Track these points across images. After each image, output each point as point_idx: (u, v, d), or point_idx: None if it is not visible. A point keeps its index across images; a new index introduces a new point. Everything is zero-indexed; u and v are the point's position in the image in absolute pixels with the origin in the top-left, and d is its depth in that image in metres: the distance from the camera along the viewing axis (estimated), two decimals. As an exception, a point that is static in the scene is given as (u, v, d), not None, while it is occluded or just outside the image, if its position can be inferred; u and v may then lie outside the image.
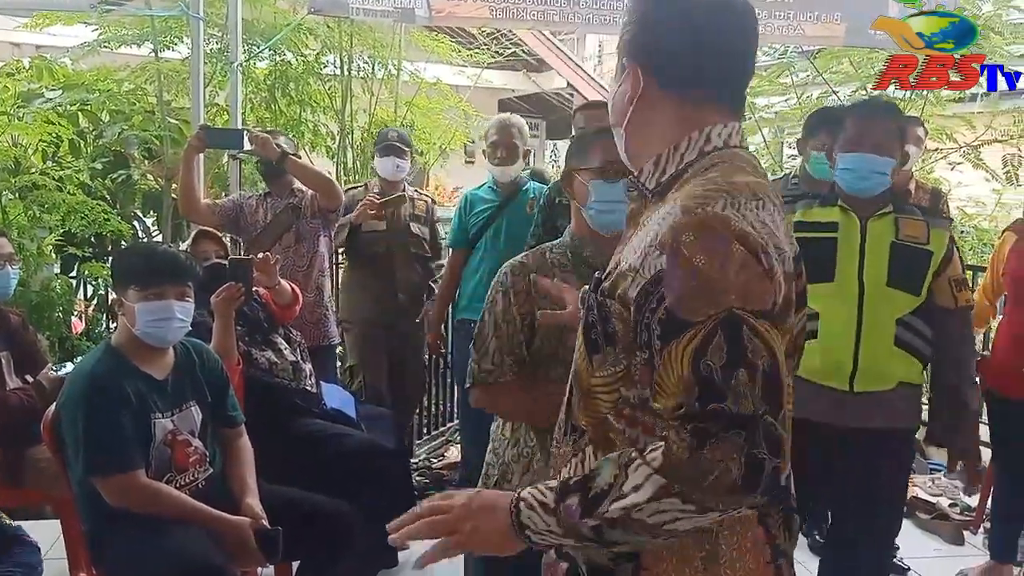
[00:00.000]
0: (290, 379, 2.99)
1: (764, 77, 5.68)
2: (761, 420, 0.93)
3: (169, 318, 2.23)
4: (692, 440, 0.94)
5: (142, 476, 2.14)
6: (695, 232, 0.99)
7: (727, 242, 0.98)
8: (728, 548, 1.08)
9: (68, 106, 4.58)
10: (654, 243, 1.03)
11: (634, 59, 1.16)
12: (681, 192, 1.08)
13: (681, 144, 1.13)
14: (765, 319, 0.97)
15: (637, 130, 1.18)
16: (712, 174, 1.08)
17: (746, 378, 0.94)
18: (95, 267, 4.46)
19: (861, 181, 2.22)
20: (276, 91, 5.17)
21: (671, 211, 1.04)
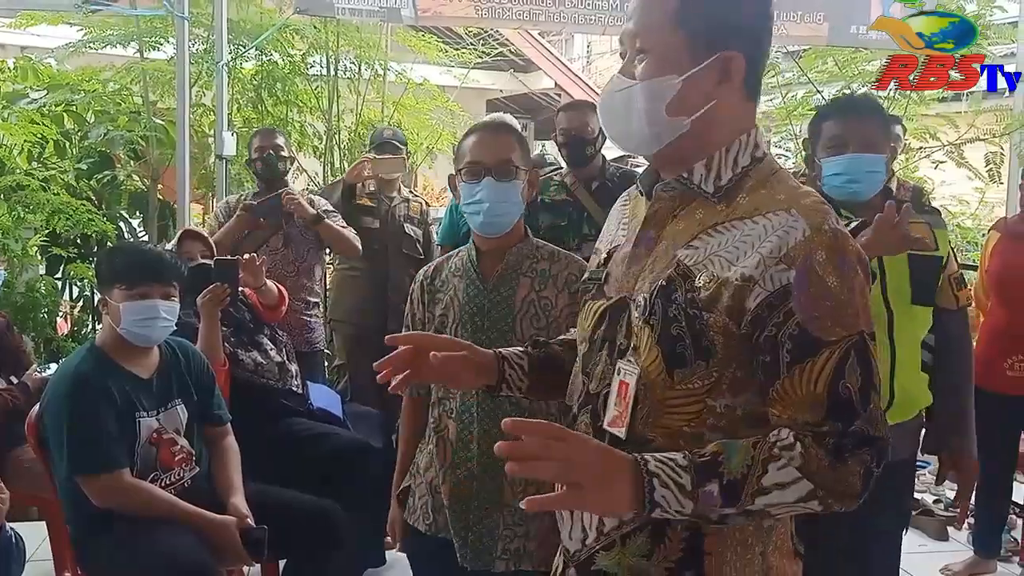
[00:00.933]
0: (276, 379, 2.99)
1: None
2: (883, 440, 1.02)
3: (154, 317, 2.23)
4: (832, 452, 0.99)
5: (127, 475, 2.14)
6: (827, 252, 1.01)
7: (854, 265, 1.03)
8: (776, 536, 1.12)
9: (53, 106, 4.58)
10: (776, 255, 1.01)
11: (727, 45, 1.06)
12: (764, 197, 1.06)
13: (733, 146, 1.10)
14: (873, 340, 1.04)
15: (703, 127, 1.09)
16: (792, 183, 1.09)
17: (876, 401, 1.02)
18: (80, 268, 4.45)
19: (852, 184, 1.99)
20: (263, 91, 5.14)
21: (792, 224, 1.02)
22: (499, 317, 1.74)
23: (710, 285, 1.04)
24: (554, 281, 1.75)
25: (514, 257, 1.77)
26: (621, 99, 1.12)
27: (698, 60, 1.07)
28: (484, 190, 1.71)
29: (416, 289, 1.86)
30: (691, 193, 1.11)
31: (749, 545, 1.08)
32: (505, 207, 1.74)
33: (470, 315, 1.75)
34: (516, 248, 1.78)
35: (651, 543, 1.07)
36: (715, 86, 1.07)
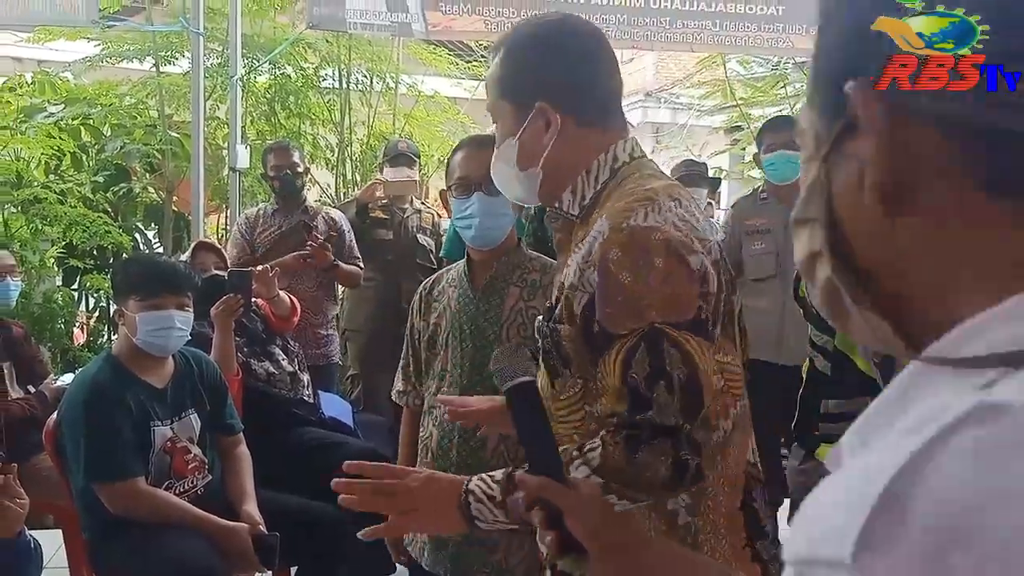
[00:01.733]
0: (288, 389, 3.03)
1: (758, 88, 5.73)
2: (683, 429, 1.04)
3: (169, 327, 2.27)
4: (626, 445, 1.04)
5: (142, 483, 2.18)
6: (621, 248, 1.06)
7: (650, 256, 1.05)
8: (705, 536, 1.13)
9: (70, 120, 4.66)
10: (588, 260, 1.10)
11: (545, 98, 1.18)
12: (605, 208, 1.15)
13: (592, 168, 1.20)
14: (687, 329, 1.04)
15: (553, 167, 1.20)
16: (629, 186, 1.16)
17: (665, 390, 1.03)
18: (96, 279, 4.52)
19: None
20: (276, 104, 5.22)
21: (600, 228, 1.10)
22: (487, 325, 1.79)
23: (558, 298, 1.15)
24: (544, 292, 1.78)
25: (503, 267, 1.82)
26: (496, 168, 1.28)
27: (523, 118, 1.20)
28: (474, 204, 1.77)
29: (416, 300, 1.94)
30: (567, 220, 1.22)
31: (699, 544, 1.12)
32: (496, 220, 1.80)
33: (460, 323, 1.81)
34: (506, 258, 1.83)
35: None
36: (545, 133, 1.18)
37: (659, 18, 4.11)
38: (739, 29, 4.16)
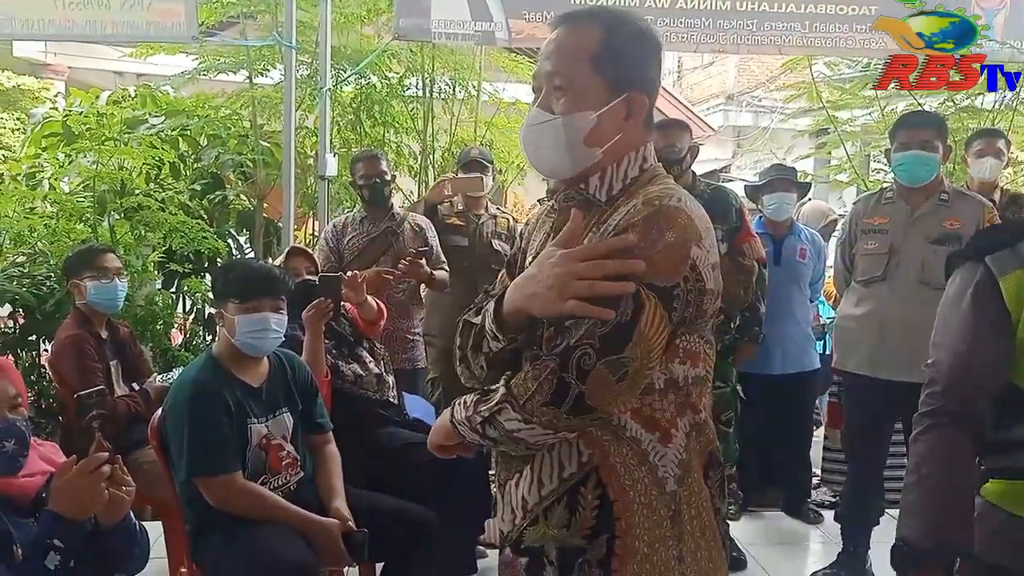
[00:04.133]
0: (374, 391, 3.11)
1: (847, 91, 5.59)
2: (578, 352, 1.12)
3: (265, 329, 2.37)
4: (527, 363, 1.19)
5: (240, 478, 2.28)
6: (645, 217, 1.18)
7: (665, 229, 1.17)
8: (688, 506, 1.21)
9: (169, 131, 4.87)
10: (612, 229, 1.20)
11: (638, 87, 1.26)
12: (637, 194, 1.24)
13: (623, 161, 1.28)
14: (655, 292, 1.15)
15: (611, 151, 1.27)
16: (660, 182, 1.27)
17: (594, 327, 1.13)
18: (194, 282, 4.71)
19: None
20: (361, 113, 5.36)
21: (634, 204, 1.21)
22: None
23: None
24: None
25: None
26: (542, 131, 1.28)
27: (610, 99, 1.25)
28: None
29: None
30: (589, 202, 1.28)
31: (655, 508, 1.19)
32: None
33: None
34: None
35: (568, 513, 1.20)
36: (622, 121, 1.26)
37: (746, 20, 4.06)
38: (829, 30, 4.07)
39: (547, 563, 1.23)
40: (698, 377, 1.24)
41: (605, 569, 1.19)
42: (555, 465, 1.22)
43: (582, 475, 1.20)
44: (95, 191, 4.35)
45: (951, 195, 3.06)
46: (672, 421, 1.21)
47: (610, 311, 1.12)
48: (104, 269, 3.13)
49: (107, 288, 3.12)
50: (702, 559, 1.23)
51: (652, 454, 1.20)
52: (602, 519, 1.19)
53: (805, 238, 3.99)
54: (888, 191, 3.24)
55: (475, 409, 1.21)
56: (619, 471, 1.19)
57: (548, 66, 1.28)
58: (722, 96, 15.37)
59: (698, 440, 1.25)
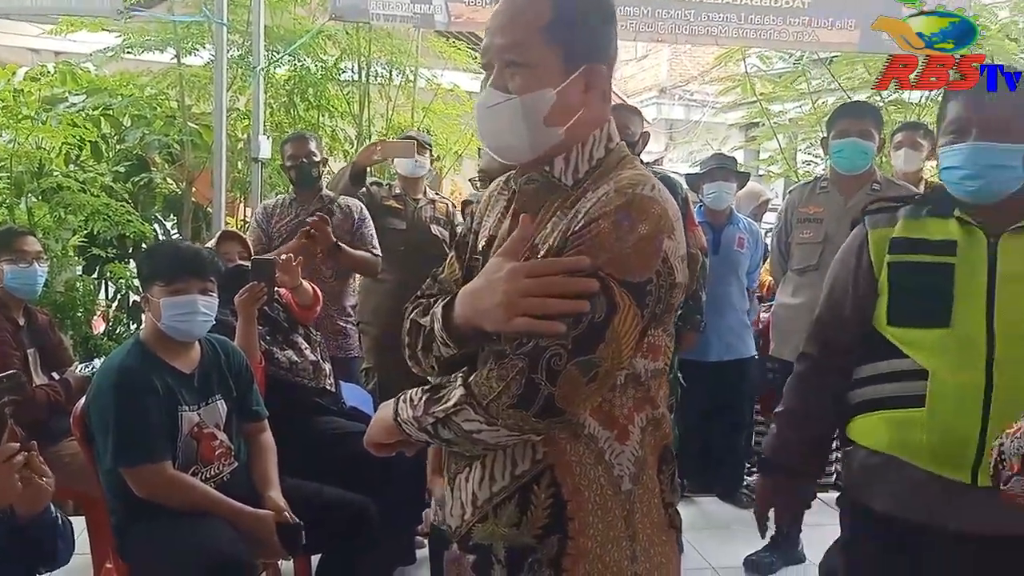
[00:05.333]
0: (310, 378, 3.03)
1: (779, 83, 5.71)
2: (549, 352, 1.06)
3: (192, 312, 2.28)
4: (492, 361, 1.10)
5: (169, 467, 2.19)
6: (618, 207, 1.11)
7: (638, 220, 1.10)
8: (640, 504, 1.18)
9: (91, 110, 4.67)
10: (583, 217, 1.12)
11: (594, 58, 1.17)
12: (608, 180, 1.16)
13: (588, 141, 1.20)
14: (628, 289, 1.09)
15: (571, 132, 1.18)
16: (630, 165, 1.20)
17: (573, 319, 1.07)
18: (117, 268, 4.54)
19: (971, 182, 1.60)
20: (295, 96, 5.24)
21: (606, 191, 1.13)
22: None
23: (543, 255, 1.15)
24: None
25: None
26: (498, 113, 1.19)
27: (567, 73, 1.16)
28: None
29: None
30: (553, 185, 1.20)
31: (609, 509, 1.15)
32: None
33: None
34: None
35: (519, 512, 1.16)
36: (582, 95, 1.17)
37: (684, 10, 4.10)
38: (764, 23, 4.14)
39: (495, 561, 1.18)
40: (657, 370, 1.20)
41: (556, 569, 1.14)
42: (508, 462, 1.16)
43: (535, 473, 1.15)
44: (11, 172, 4.15)
45: (883, 185, 3.14)
46: (630, 417, 1.17)
47: (560, 325, 1.07)
48: (22, 253, 2.97)
49: (25, 273, 2.96)
50: (655, 555, 1.19)
51: (608, 452, 1.15)
52: (554, 519, 1.14)
53: (743, 227, 4.04)
54: (823, 181, 3.30)
55: (426, 409, 1.14)
56: (575, 470, 1.15)
57: (498, 40, 1.18)
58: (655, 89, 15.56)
59: (654, 435, 1.21)
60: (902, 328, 1.62)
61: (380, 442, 1.26)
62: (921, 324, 1.59)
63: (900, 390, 1.60)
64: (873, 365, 1.67)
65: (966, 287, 1.57)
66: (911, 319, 1.61)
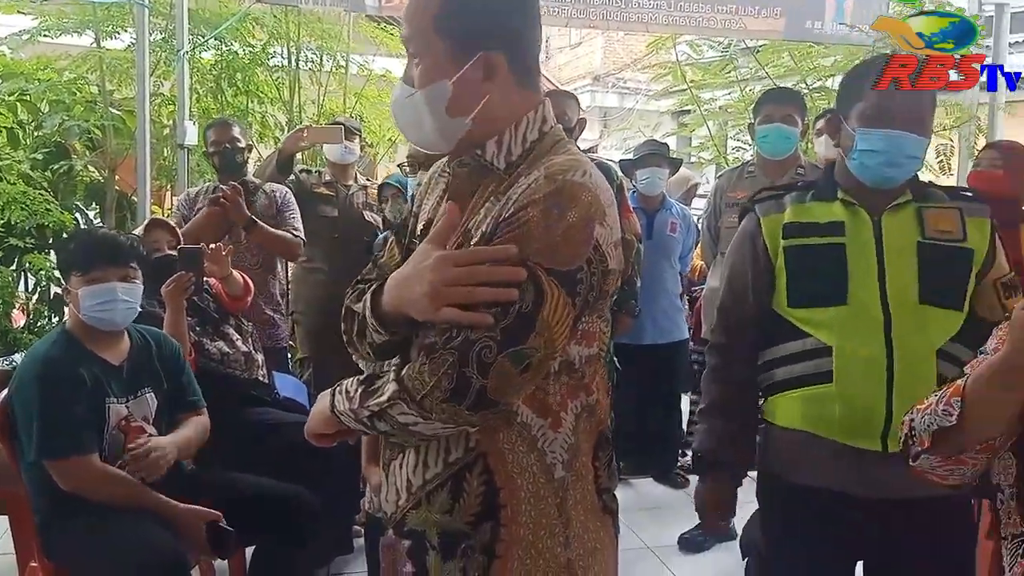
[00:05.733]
0: (242, 370, 2.98)
1: (708, 71, 5.80)
2: (479, 345, 1.06)
3: (112, 300, 2.21)
4: (423, 355, 1.09)
5: (96, 460, 2.13)
6: (547, 194, 1.10)
7: (567, 208, 1.09)
8: (574, 491, 1.19)
9: (6, 96, 4.48)
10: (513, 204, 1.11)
11: (490, 46, 1.15)
12: (536, 166, 1.15)
13: (521, 124, 1.19)
14: (557, 278, 1.09)
15: (484, 119, 1.17)
16: (562, 150, 1.19)
17: (501, 309, 1.06)
18: (37, 259, 4.36)
19: (890, 168, 1.67)
20: (223, 81, 5.11)
21: (535, 177, 1.12)
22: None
23: (475, 242, 1.14)
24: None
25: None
26: (406, 108, 1.20)
27: (462, 63, 1.14)
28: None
29: None
30: (485, 169, 1.19)
31: (542, 496, 1.16)
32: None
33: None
34: None
35: (451, 499, 1.16)
36: (483, 84, 1.15)
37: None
38: (693, 10, 4.20)
39: (429, 547, 1.18)
40: (591, 356, 1.20)
41: (489, 555, 1.14)
42: (441, 449, 1.17)
43: (468, 460, 1.15)
44: (-81, 158, 3.95)
45: (807, 169, 3.23)
46: (563, 404, 1.17)
47: (488, 316, 1.06)
48: (-67, 243, 2.85)
49: (-63, 264, 2.84)
50: (589, 540, 1.20)
51: (541, 440, 1.15)
52: (487, 506, 1.15)
53: (676, 213, 4.11)
54: (750, 166, 3.38)
55: (362, 402, 1.13)
56: (507, 458, 1.15)
57: (403, 31, 1.20)
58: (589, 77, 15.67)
59: (589, 421, 1.21)
60: (803, 309, 1.69)
61: (321, 433, 1.24)
62: (821, 304, 1.66)
63: (808, 369, 1.67)
64: (780, 347, 1.72)
65: (858, 265, 1.66)
66: (811, 300, 1.68)
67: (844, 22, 4.39)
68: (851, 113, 1.69)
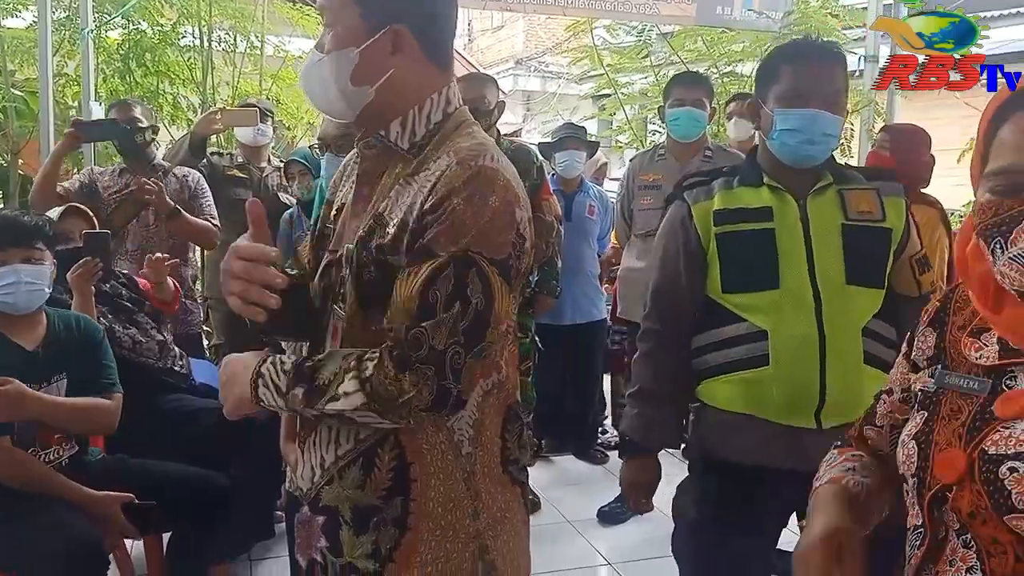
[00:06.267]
0: (156, 358, 2.93)
1: (624, 55, 5.89)
2: (449, 353, 1.09)
3: (15, 283, 2.15)
4: (395, 366, 1.09)
5: (6, 442, 2.09)
6: (466, 181, 1.11)
7: (488, 194, 1.12)
8: (480, 465, 1.22)
9: None
10: (433, 191, 1.12)
11: (399, 19, 1.17)
12: (443, 148, 1.18)
13: (426, 105, 1.21)
14: (496, 267, 1.12)
15: (387, 92, 1.19)
16: (466, 132, 1.21)
17: (458, 313, 1.09)
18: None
19: (808, 146, 1.71)
20: (131, 61, 4.96)
21: (448, 164, 1.14)
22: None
23: (394, 230, 1.15)
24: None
25: None
26: (313, 71, 1.23)
27: (372, 34, 1.17)
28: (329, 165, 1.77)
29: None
30: (391, 150, 1.22)
31: (450, 472, 1.20)
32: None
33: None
34: None
35: (363, 475, 1.19)
36: (390, 56, 1.18)
37: (531, -19, 4.16)
38: (610, -6, 4.26)
39: (343, 522, 1.20)
40: (501, 334, 1.21)
41: (400, 528, 1.18)
42: (353, 427, 1.19)
43: (379, 437, 1.18)
44: None
45: (714, 151, 3.33)
46: (472, 385, 1.18)
47: (257, 309, 1.11)
48: None
49: None
50: (496, 511, 1.24)
51: (450, 418, 1.19)
52: (397, 481, 1.18)
53: (594, 195, 4.18)
54: (660, 149, 3.46)
55: (309, 402, 1.12)
56: (417, 435, 1.18)
57: (321, 0, 1.22)
58: (511, 60, 15.68)
59: (497, 397, 1.24)
60: (737, 294, 1.71)
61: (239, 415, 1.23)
62: (754, 288, 1.69)
63: (745, 352, 1.69)
64: (714, 331, 1.74)
65: (788, 248, 1.70)
66: (744, 285, 1.70)
67: (752, 8, 4.52)
68: (769, 96, 1.73)
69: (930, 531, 0.97)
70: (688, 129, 3.28)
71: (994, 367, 0.96)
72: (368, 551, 1.18)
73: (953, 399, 0.98)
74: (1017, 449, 0.87)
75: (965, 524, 0.92)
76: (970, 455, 0.91)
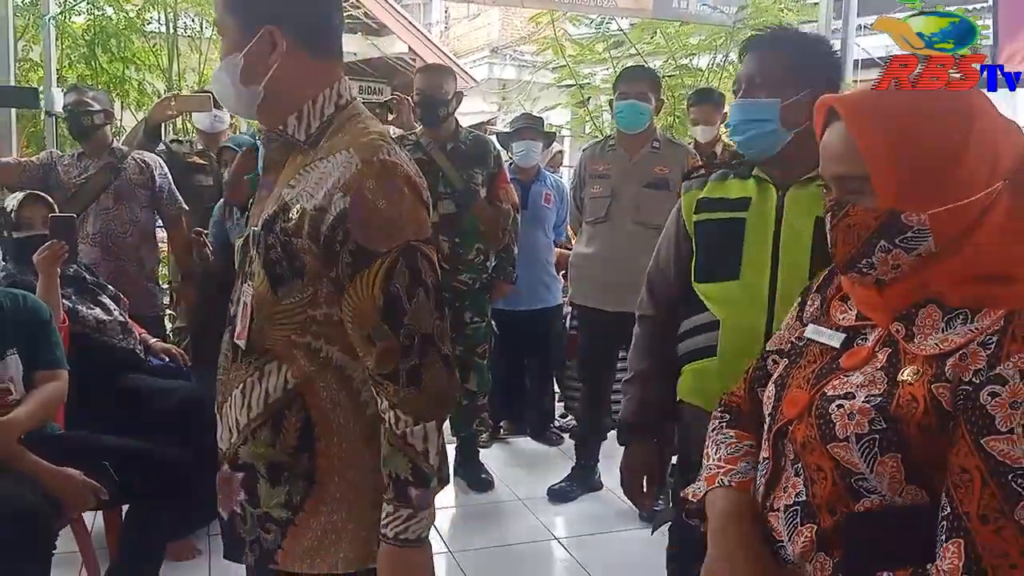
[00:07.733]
0: (119, 338, 3.00)
1: (585, 47, 5.99)
2: (435, 330, 1.23)
3: None
4: (411, 380, 1.22)
5: None
6: (375, 178, 1.22)
7: (399, 186, 1.24)
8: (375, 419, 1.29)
9: None
10: (337, 186, 1.22)
11: (270, 21, 1.26)
12: (337, 140, 1.28)
13: (318, 99, 1.31)
14: (428, 244, 1.26)
15: (275, 90, 1.29)
16: (359, 124, 1.31)
17: (424, 296, 1.23)
18: None
19: (737, 135, 1.70)
20: (96, 47, 4.99)
21: (349, 159, 1.24)
22: None
23: (297, 215, 1.25)
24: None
25: None
26: (217, 77, 1.33)
27: (250, 37, 1.27)
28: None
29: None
30: (291, 142, 1.33)
31: (352, 429, 1.31)
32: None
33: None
34: None
35: (273, 435, 1.31)
36: (270, 56, 1.27)
37: (490, -27, 4.22)
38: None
39: (259, 476, 1.32)
40: None
41: (309, 481, 1.30)
42: (262, 392, 1.31)
43: (286, 400, 1.29)
44: None
45: (662, 143, 3.46)
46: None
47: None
48: None
49: None
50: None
51: (356, 380, 1.30)
52: (303, 440, 1.30)
53: (550, 184, 4.28)
54: (611, 139, 3.58)
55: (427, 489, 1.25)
56: (322, 395, 1.29)
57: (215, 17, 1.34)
58: (487, 49, 15.70)
59: None
60: (704, 284, 1.71)
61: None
62: (718, 278, 1.69)
63: (701, 342, 1.70)
64: (687, 320, 1.75)
65: (754, 239, 1.65)
66: (709, 275, 1.71)
67: (707, 3, 4.64)
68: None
69: (772, 462, 1.13)
70: (632, 121, 3.40)
71: (851, 327, 1.12)
72: (282, 501, 1.31)
73: (814, 350, 1.14)
74: (846, 391, 1.02)
75: (798, 455, 1.07)
76: (812, 396, 1.07)
